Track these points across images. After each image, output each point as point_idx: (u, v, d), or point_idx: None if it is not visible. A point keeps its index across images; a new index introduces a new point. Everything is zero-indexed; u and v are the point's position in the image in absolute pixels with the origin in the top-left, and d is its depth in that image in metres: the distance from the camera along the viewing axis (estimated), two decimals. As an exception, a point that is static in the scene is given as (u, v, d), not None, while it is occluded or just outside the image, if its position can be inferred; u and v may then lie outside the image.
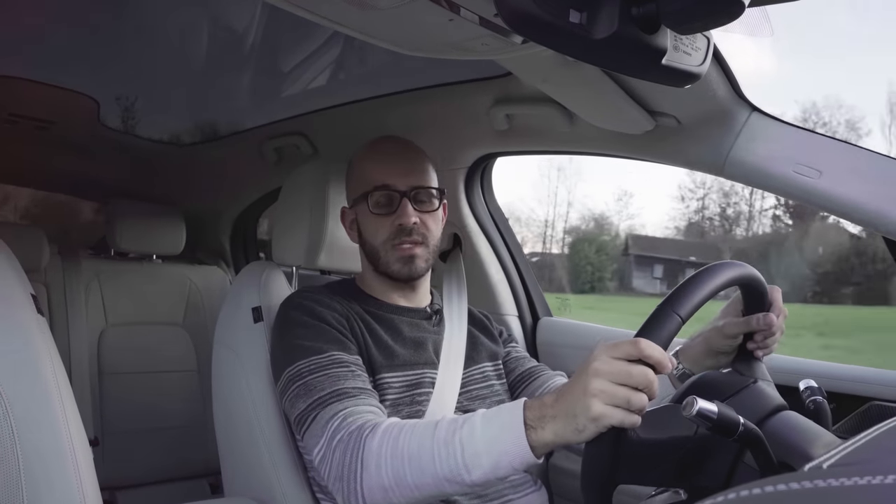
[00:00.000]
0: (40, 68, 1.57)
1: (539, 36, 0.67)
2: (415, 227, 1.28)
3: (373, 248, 1.31)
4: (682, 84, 0.79)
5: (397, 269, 1.30)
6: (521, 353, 1.49)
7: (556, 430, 0.88)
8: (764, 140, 1.26)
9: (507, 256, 1.93)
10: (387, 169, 1.30)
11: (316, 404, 1.11)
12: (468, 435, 0.94)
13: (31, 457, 0.89)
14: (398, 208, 1.28)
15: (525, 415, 0.91)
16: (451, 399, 1.27)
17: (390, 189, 1.28)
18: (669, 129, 1.32)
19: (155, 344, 2.29)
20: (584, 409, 0.84)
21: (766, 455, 0.85)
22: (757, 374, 1.05)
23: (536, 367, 1.44)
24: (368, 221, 1.31)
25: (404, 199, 1.28)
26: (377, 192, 1.28)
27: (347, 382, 1.12)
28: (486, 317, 1.50)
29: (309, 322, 1.22)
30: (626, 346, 0.84)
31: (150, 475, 2.22)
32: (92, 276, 2.28)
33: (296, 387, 1.15)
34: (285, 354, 1.20)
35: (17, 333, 0.96)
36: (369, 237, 1.31)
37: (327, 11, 0.88)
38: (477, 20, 0.85)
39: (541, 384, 1.39)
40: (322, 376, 1.13)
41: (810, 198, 1.21)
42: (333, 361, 1.15)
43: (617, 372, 0.83)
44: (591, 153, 1.60)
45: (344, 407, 1.08)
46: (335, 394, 1.10)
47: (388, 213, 1.29)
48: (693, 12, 0.63)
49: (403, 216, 1.28)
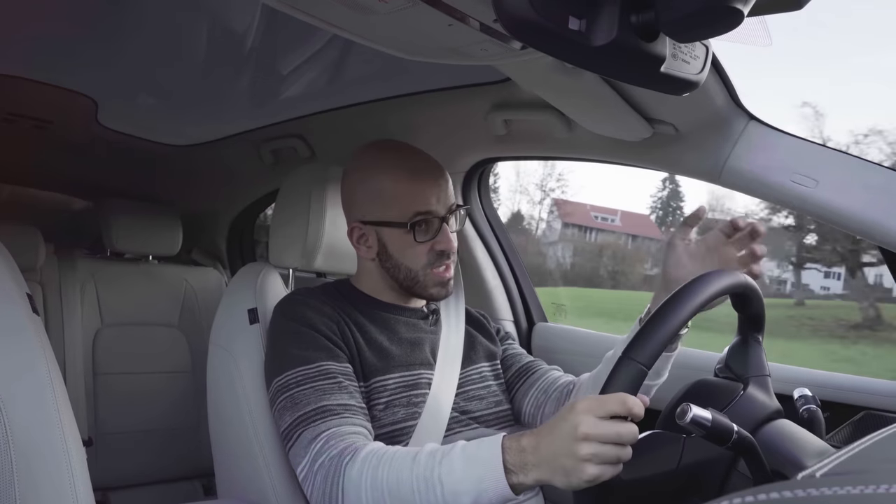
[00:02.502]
0: (38, 67, 1.57)
1: (538, 42, 0.67)
2: (452, 250, 1.29)
3: (410, 272, 1.29)
4: (680, 92, 0.79)
5: (436, 293, 1.30)
6: (518, 349, 1.50)
7: (541, 477, 0.90)
8: (761, 149, 1.26)
9: (504, 261, 1.94)
10: (427, 193, 1.26)
11: (300, 421, 1.12)
12: (447, 472, 0.95)
13: (23, 456, 0.89)
14: (438, 233, 1.27)
15: (504, 458, 0.92)
16: (448, 400, 1.27)
17: (433, 215, 1.26)
18: (667, 136, 1.33)
19: (150, 345, 2.28)
20: (577, 472, 0.85)
21: (760, 463, 0.86)
22: (750, 369, 1.02)
23: (533, 363, 1.46)
24: (405, 246, 1.27)
25: (444, 225, 1.27)
26: (419, 218, 1.25)
27: (333, 397, 1.13)
28: (483, 316, 1.50)
29: (299, 329, 1.22)
30: (612, 404, 0.86)
31: (144, 476, 2.21)
32: (87, 276, 2.27)
33: (283, 399, 1.16)
34: (275, 363, 1.22)
35: (12, 333, 0.96)
36: (406, 261, 1.28)
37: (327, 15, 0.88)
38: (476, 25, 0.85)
39: (537, 379, 1.41)
40: (308, 389, 1.14)
41: (807, 207, 1.21)
42: (321, 373, 1.16)
43: (607, 434, 0.85)
44: (589, 159, 1.60)
45: (327, 427, 1.09)
46: (319, 411, 1.11)
47: (428, 240, 1.27)
48: (692, 21, 0.63)
49: (446, 242, 1.27)
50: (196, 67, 1.60)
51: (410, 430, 1.22)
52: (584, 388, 1.35)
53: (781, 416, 0.98)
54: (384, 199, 1.27)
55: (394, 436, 1.21)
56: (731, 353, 1.08)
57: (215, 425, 1.38)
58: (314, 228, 1.41)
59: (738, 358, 1.05)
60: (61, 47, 1.47)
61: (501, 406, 1.37)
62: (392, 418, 1.21)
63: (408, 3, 0.79)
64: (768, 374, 1.03)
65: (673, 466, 0.90)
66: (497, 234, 1.94)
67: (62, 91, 1.68)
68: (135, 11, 1.31)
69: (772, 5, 0.70)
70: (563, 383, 1.40)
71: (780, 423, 0.95)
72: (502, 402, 1.38)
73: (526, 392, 1.41)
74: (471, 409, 1.31)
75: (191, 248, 2.78)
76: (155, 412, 2.22)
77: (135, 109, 1.89)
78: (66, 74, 1.62)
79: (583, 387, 1.36)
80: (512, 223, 19.01)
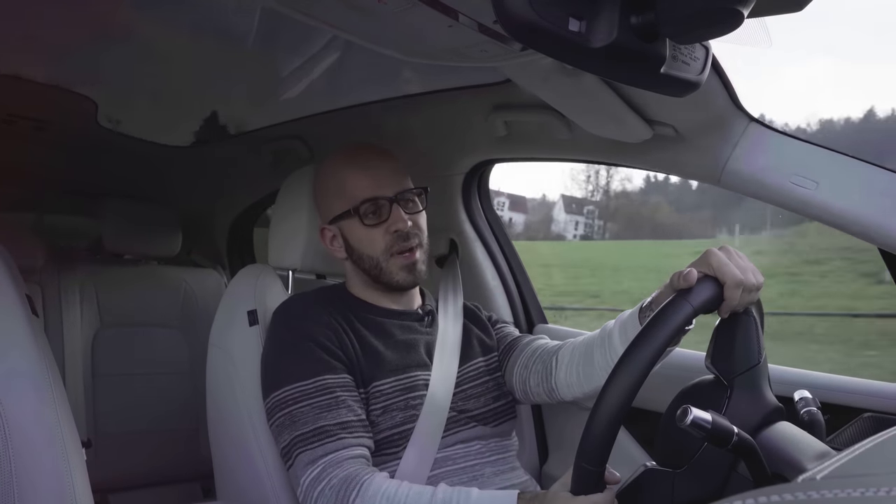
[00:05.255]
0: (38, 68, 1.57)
1: (538, 43, 0.67)
2: (410, 231, 1.29)
3: (372, 260, 1.30)
4: (680, 94, 0.79)
5: (402, 279, 1.30)
6: (506, 329, 1.49)
7: None
8: (761, 150, 1.26)
9: (504, 263, 1.93)
10: (370, 179, 1.29)
11: (298, 441, 1.14)
12: None
13: (23, 457, 0.89)
14: (390, 215, 1.29)
15: None
16: (446, 399, 1.27)
17: (379, 199, 1.28)
18: (667, 138, 1.32)
19: (149, 346, 2.28)
20: None
21: (760, 465, 0.85)
22: (736, 364, 0.95)
23: (516, 340, 1.44)
24: (361, 234, 1.30)
25: (395, 206, 1.29)
26: (366, 204, 1.28)
27: (330, 415, 1.15)
28: (476, 307, 1.51)
29: (297, 342, 1.23)
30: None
31: (143, 478, 2.20)
32: (87, 277, 2.27)
33: (281, 416, 1.17)
34: (272, 377, 1.23)
35: (12, 334, 0.96)
36: (365, 249, 1.31)
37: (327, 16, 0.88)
38: (476, 27, 0.85)
39: (519, 354, 1.40)
40: (306, 406, 1.16)
41: (807, 209, 1.21)
42: (318, 388, 1.17)
43: None
44: (589, 161, 1.60)
45: (325, 452, 1.12)
46: (317, 432, 1.13)
47: (381, 222, 1.29)
48: (692, 22, 0.63)
49: (398, 221, 1.28)
50: (196, 68, 1.60)
51: (408, 433, 1.22)
52: (577, 358, 1.30)
53: (782, 414, 0.97)
54: (336, 194, 1.32)
55: (392, 440, 1.21)
56: (714, 345, 0.99)
57: (215, 427, 1.37)
58: (313, 230, 1.41)
59: (722, 352, 0.98)
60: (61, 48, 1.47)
61: (499, 402, 1.37)
62: (390, 423, 1.21)
63: (408, 4, 0.79)
64: (758, 361, 0.96)
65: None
66: (497, 235, 1.94)
67: (62, 92, 1.68)
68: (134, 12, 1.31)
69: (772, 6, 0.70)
70: (544, 352, 1.36)
71: (781, 425, 0.95)
72: (500, 398, 1.37)
73: (512, 369, 1.40)
74: (468, 407, 1.31)
75: (190, 250, 2.77)
76: (154, 413, 2.22)
77: (134, 110, 1.89)
78: (66, 75, 1.62)
79: (576, 353, 1.31)
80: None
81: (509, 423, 1.37)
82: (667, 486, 0.91)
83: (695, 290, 0.95)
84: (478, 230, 1.90)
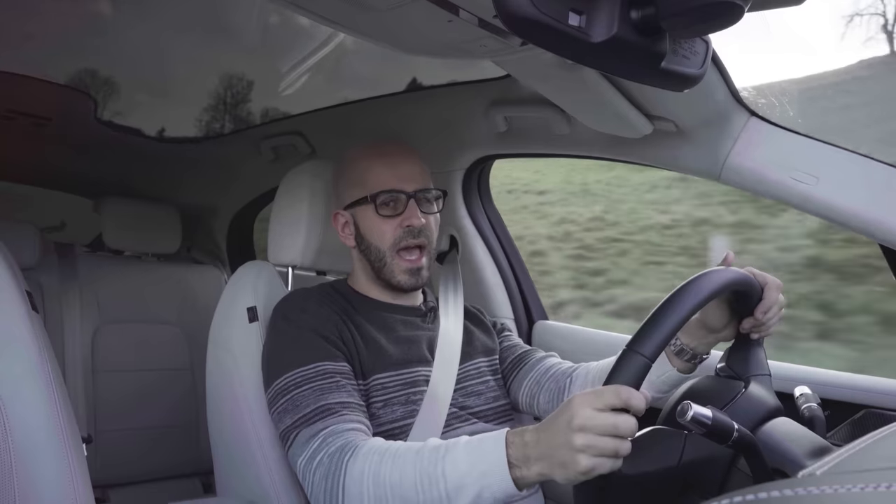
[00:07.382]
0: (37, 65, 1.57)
1: (538, 38, 0.67)
2: (422, 229, 1.29)
3: (379, 252, 1.31)
4: (680, 88, 0.79)
5: (403, 281, 1.31)
6: (513, 341, 1.50)
7: (542, 472, 0.90)
8: (762, 146, 1.26)
9: (504, 259, 1.93)
10: (392, 172, 1.30)
11: (300, 422, 1.13)
12: (451, 467, 0.95)
13: (23, 453, 0.89)
14: (405, 210, 1.29)
15: (508, 452, 0.92)
16: (446, 396, 1.27)
17: (397, 192, 1.29)
18: (667, 133, 1.32)
19: (149, 342, 2.28)
20: (573, 464, 0.85)
21: (760, 461, 0.85)
22: (751, 368, 1.04)
23: (526, 353, 1.46)
24: (373, 223, 1.31)
25: (411, 201, 1.30)
26: (384, 195, 1.29)
27: (331, 396, 1.14)
28: (478, 311, 1.51)
29: (297, 333, 1.23)
30: (608, 396, 0.85)
31: (143, 473, 2.21)
32: (87, 273, 2.27)
33: (283, 402, 1.17)
34: (273, 366, 1.22)
35: (12, 330, 0.96)
36: (374, 240, 1.31)
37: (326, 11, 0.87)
38: (476, 21, 0.85)
39: (530, 370, 1.41)
40: (307, 390, 1.15)
41: (807, 205, 1.21)
42: (319, 373, 1.17)
43: (603, 425, 0.84)
44: (589, 156, 1.59)
45: (325, 426, 1.10)
46: (318, 410, 1.12)
47: (395, 215, 1.29)
48: (692, 17, 0.63)
49: (412, 217, 1.29)
50: (195, 65, 1.60)
51: (409, 427, 1.22)
52: (592, 379, 1.34)
53: (782, 414, 0.97)
54: (356, 181, 1.32)
55: (393, 433, 1.21)
56: (731, 352, 1.09)
57: (214, 422, 1.37)
58: (313, 226, 1.41)
59: (738, 357, 1.06)
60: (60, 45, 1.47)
61: (500, 401, 1.37)
62: (391, 416, 1.21)
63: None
64: (769, 373, 1.04)
65: (674, 463, 0.90)
66: (497, 231, 1.94)
67: (61, 88, 1.68)
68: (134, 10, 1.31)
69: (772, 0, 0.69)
70: (559, 372, 1.39)
71: (781, 421, 0.95)
72: (500, 398, 1.38)
73: (520, 383, 1.41)
74: (469, 404, 1.32)
75: (190, 246, 2.77)
76: (154, 409, 2.22)
77: (134, 107, 1.89)
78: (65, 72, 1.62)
79: (590, 376, 1.35)
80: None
81: (510, 422, 1.38)
82: (678, 444, 0.91)
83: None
84: (478, 226, 1.90)
